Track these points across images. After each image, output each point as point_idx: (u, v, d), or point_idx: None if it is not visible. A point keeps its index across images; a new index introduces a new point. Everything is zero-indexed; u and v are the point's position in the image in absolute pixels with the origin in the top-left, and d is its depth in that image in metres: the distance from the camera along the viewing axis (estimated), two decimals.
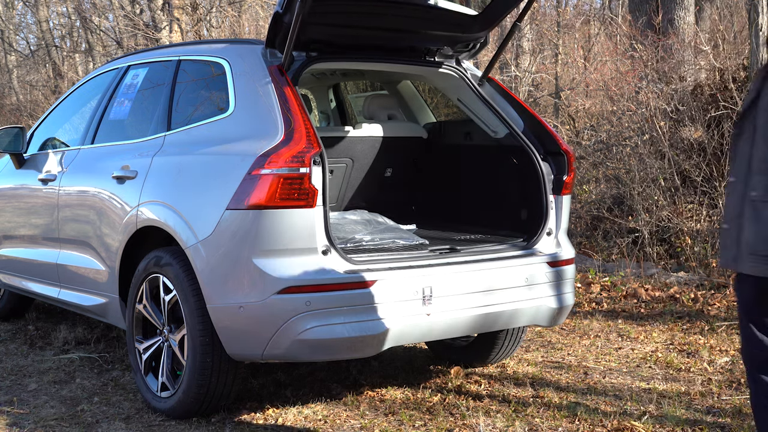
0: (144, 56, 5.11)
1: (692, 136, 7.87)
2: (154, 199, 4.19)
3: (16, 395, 4.59)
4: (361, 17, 4.30)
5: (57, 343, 5.61)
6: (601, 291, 6.99)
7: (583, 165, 9.24)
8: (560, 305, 4.37)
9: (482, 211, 4.99)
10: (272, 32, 4.03)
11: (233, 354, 3.87)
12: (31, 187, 5.52)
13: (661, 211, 7.69)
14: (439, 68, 4.74)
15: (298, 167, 3.66)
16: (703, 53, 8.97)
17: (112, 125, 5.03)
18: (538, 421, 4.02)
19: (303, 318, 3.66)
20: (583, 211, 8.74)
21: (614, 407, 4.22)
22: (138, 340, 4.34)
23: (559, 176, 4.48)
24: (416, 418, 4.11)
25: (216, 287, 3.81)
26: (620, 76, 9.03)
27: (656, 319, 6.14)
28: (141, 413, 4.25)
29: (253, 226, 3.68)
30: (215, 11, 15.93)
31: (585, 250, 8.23)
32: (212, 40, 4.81)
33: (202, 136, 4.17)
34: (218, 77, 4.28)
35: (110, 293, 4.61)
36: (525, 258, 4.29)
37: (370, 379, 4.76)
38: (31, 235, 5.55)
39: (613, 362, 5.08)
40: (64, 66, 21.35)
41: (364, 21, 4.32)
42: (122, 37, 17.22)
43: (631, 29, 9.84)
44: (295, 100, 3.87)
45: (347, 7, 4.19)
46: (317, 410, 4.22)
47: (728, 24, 12.19)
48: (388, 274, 3.82)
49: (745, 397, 4.33)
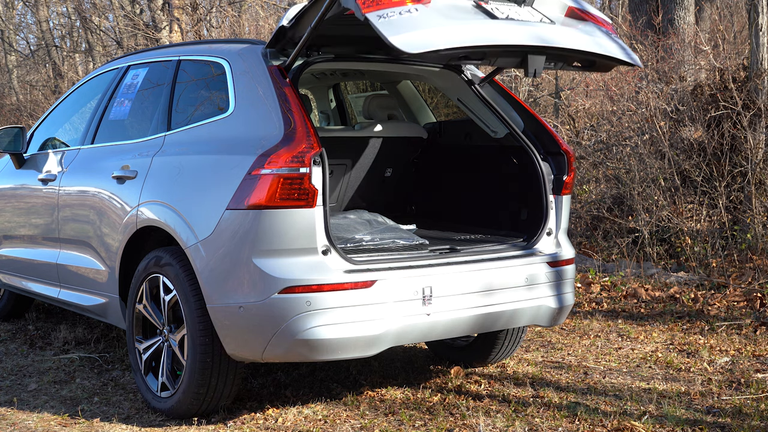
0: (144, 56, 5.11)
1: (692, 136, 7.87)
2: (154, 199, 4.19)
3: (16, 395, 4.59)
4: (363, 27, 4.30)
5: (57, 343, 5.61)
6: (601, 291, 6.99)
7: (583, 165, 9.24)
8: (560, 305, 4.37)
9: (482, 211, 4.99)
10: (275, 40, 4.03)
11: (233, 354, 3.87)
12: (31, 187, 5.52)
13: (661, 211, 7.69)
14: (439, 68, 4.74)
15: (298, 167, 3.66)
16: (703, 53, 8.97)
17: (112, 125, 5.03)
18: (538, 421, 4.02)
19: (303, 318, 3.66)
20: (583, 211, 8.74)
21: (614, 407, 4.22)
22: (138, 340, 4.34)
23: (559, 176, 4.48)
24: (416, 418, 4.11)
25: (216, 287, 3.81)
26: (620, 76, 9.02)
27: (656, 319, 6.14)
28: (141, 413, 4.25)
29: (253, 226, 3.68)
30: (215, 11, 15.93)
31: (585, 250, 8.23)
32: (212, 40, 4.81)
33: (202, 136, 4.17)
34: (218, 77, 4.29)
35: (110, 293, 4.61)
36: (525, 258, 4.29)
37: (370, 379, 4.76)
38: (31, 235, 5.55)
39: (613, 362, 5.08)
40: (64, 66, 21.35)
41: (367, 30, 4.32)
42: (122, 37, 17.23)
43: (631, 29, 9.83)
44: (295, 100, 3.87)
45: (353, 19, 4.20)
46: (317, 410, 4.22)
47: (728, 24, 12.20)
48: (388, 274, 3.82)
49: (745, 397, 4.33)
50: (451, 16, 3.63)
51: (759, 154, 7.36)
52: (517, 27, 3.78)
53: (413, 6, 3.56)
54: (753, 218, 7.28)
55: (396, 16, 3.48)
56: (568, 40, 3.88)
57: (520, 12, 3.89)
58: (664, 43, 8.91)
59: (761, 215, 7.32)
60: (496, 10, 3.81)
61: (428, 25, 3.53)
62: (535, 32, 3.82)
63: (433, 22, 3.55)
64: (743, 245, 7.23)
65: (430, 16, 3.57)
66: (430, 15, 3.57)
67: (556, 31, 3.89)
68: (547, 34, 3.84)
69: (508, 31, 3.74)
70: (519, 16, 3.86)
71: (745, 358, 5.11)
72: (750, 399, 4.31)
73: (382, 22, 3.43)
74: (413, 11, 3.54)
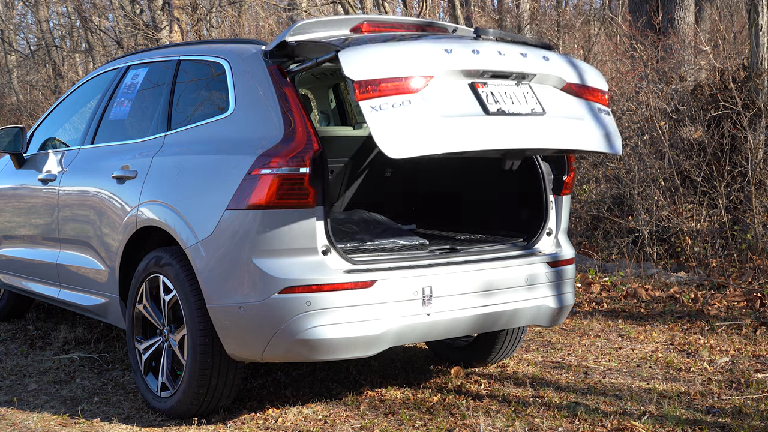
0: (144, 56, 5.11)
1: (692, 136, 7.87)
2: (154, 199, 4.19)
3: (16, 395, 4.59)
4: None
5: (57, 343, 5.61)
6: (601, 291, 6.99)
7: (583, 165, 9.24)
8: (560, 305, 4.37)
9: (482, 211, 4.99)
10: (277, 48, 4.03)
11: (233, 354, 3.87)
12: (31, 187, 5.52)
13: (661, 211, 7.69)
14: None
15: (298, 167, 3.66)
16: (703, 53, 8.97)
17: (112, 125, 5.03)
18: (538, 421, 4.02)
19: (303, 318, 3.66)
20: (583, 211, 8.74)
21: (614, 407, 4.22)
22: (138, 340, 4.34)
23: (559, 176, 4.48)
24: (416, 418, 4.11)
25: (216, 287, 3.81)
26: (620, 76, 9.03)
27: (656, 319, 6.14)
28: (141, 413, 4.25)
29: (253, 226, 3.68)
30: (215, 11, 15.93)
31: (585, 250, 8.23)
32: (212, 40, 4.81)
33: (202, 136, 4.17)
34: (218, 77, 4.28)
35: (110, 293, 4.61)
36: (525, 258, 4.29)
37: (370, 379, 4.76)
38: (31, 235, 5.55)
39: (613, 362, 5.08)
40: (64, 66, 21.36)
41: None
42: (122, 37, 17.23)
43: (631, 29, 9.83)
44: (295, 100, 3.87)
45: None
46: (317, 410, 4.22)
47: (728, 24, 12.19)
48: (388, 274, 3.82)
49: (745, 397, 4.33)
50: (444, 109, 3.63)
51: (759, 154, 7.36)
52: (504, 126, 3.78)
53: (407, 97, 3.55)
54: (753, 218, 7.28)
55: (389, 110, 3.49)
56: (549, 140, 3.93)
57: (515, 94, 3.90)
58: (664, 43, 8.91)
59: (761, 215, 7.31)
60: (490, 98, 3.81)
61: (419, 123, 3.54)
62: (521, 130, 3.83)
63: (424, 119, 3.55)
64: (743, 245, 7.23)
65: (423, 111, 3.56)
66: (424, 109, 3.57)
67: (543, 126, 3.92)
68: (532, 131, 3.87)
69: (495, 132, 3.75)
70: (512, 102, 3.86)
71: (745, 358, 5.11)
72: (750, 399, 4.31)
73: (374, 116, 3.45)
74: (406, 103, 3.54)
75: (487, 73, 3.83)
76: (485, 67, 3.82)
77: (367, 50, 3.62)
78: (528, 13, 15.01)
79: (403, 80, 3.56)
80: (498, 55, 3.88)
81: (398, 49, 3.68)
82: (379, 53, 3.62)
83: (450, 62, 3.73)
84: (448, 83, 3.72)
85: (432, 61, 3.68)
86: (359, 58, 3.54)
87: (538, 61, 4.01)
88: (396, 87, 3.54)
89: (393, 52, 3.64)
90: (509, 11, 15.81)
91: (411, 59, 3.64)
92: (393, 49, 3.67)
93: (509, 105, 3.84)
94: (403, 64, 3.60)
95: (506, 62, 3.89)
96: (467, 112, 3.72)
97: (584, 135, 4.03)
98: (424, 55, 3.69)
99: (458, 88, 3.76)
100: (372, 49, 3.64)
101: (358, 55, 3.57)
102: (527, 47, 4.06)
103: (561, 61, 4.13)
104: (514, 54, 3.94)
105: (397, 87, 3.54)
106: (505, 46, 3.96)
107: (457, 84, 3.76)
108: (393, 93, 3.53)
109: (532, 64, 3.98)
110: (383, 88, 3.51)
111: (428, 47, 3.76)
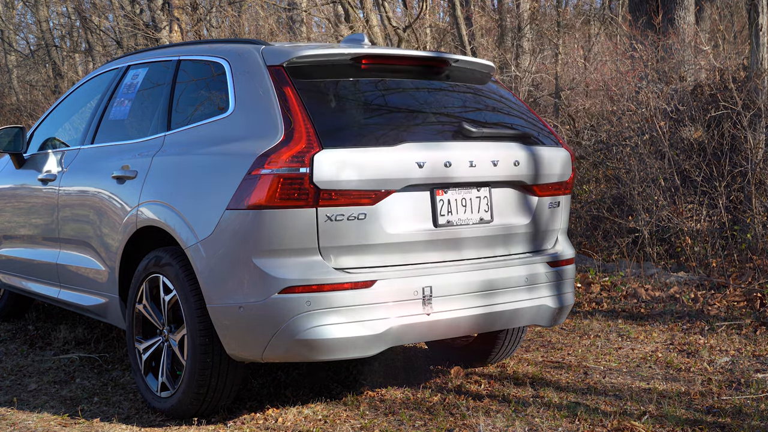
0: (144, 56, 5.11)
1: (692, 136, 7.87)
2: (154, 199, 4.19)
3: (16, 395, 4.59)
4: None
5: (57, 343, 5.61)
6: (601, 291, 6.99)
7: (583, 165, 9.24)
8: (560, 305, 4.37)
9: None
10: None
11: (233, 354, 3.87)
12: (31, 187, 5.52)
13: (661, 211, 7.69)
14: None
15: (298, 167, 3.66)
16: (703, 53, 8.97)
17: (112, 125, 5.03)
18: (538, 421, 4.02)
19: (303, 318, 3.66)
20: (583, 211, 8.74)
21: (614, 407, 4.22)
22: (138, 340, 4.34)
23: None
24: (416, 418, 4.11)
25: (216, 287, 3.81)
26: (620, 76, 9.02)
27: (656, 319, 6.14)
28: (141, 413, 4.25)
29: (253, 226, 3.68)
30: (215, 11, 15.93)
31: (585, 250, 8.23)
32: (212, 40, 4.81)
33: (202, 136, 4.17)
34: (218, 77, 4.28)
35: (110, 293, 4.61)
36: (525, 258, 4.29)
37: (370, 379, 4.76)
38: (31, 235, 5.55)
39: (613, 362, 5.08)
40: (64, 66, 21.36)
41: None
42: (122, 37, 17.23)
43: (631, 29, 9.84)
44: (295, 100, 3.87)
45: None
46: (317, 410, 4.22)
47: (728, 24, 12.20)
48: (388, 274, 3.82)
49: (745, 397, 4.34)
50: (394, 224, 3.81)
51: (759, 154, 7.36)
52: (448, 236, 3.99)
53: (362, 210, 3.73)
54: (753, 218, 7.28)
55: (344, 221, 3.70)
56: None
57: (471, 200, 4.06)
58: (664, 43, 8.91)
59: (761, 215, 7.31)
60: (444, 207, 3.97)
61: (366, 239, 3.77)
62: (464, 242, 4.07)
63: (372, 235, 3.77)
64: (743, 245, 7.23)
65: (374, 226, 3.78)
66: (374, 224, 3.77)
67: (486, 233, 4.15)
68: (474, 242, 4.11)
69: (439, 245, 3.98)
70: (464, 211, 4.04)
71: (745, 358, 5.11)
72: (750, 399, 4.31)
73: (327, 225, 3.68)
74: (361, 216, 3.73)
75: (452, 183, 3.99)
76: (451, 179, 3.98)
77: (340, 153, 3.68)
78: (528, 13, 15.01)
79: (365, 192, 3.72)
80: (468, 166, 4.01)
81: (371, 156, 3.74)
82: (350, 158, 3.69)
83: (418, 175, 3.86)
84: (408, 194, 3.87)
85: (401, 176, 3.81)
86: (330, 161, 3.65)
87: (507, 168, 4.14)
88: (356, 199, 3.71)
89: (365, 159, 3.72)
90: (509, 11, 15.81)
91: (381, 171, 3.76)
92: (366, 156, 3.73)
93: (460, 214, 4.02)
94: (370, 176, 3.72)
95: (474, 173, 4.04)
96: (416, 228, 3.89)
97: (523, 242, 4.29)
98: (395, 168, 3.79)
99: (417, 198, 3.91)
100: (344, 153, 3.69)
101: (330, 157, 3.65)
102: (505, 144, 4.18)
103: (529, 162, 4.23)
104: (485, 163, 4.06)
105: (357, 199, 3.71)
106: (480, 151, 4.06)
107: (416, 194, 3.90)
108: (351, 204, 3.69)
109: (500, 172, 4.12)
110: (344, 198, 3.68)
111: (403, 158, 3.82)
